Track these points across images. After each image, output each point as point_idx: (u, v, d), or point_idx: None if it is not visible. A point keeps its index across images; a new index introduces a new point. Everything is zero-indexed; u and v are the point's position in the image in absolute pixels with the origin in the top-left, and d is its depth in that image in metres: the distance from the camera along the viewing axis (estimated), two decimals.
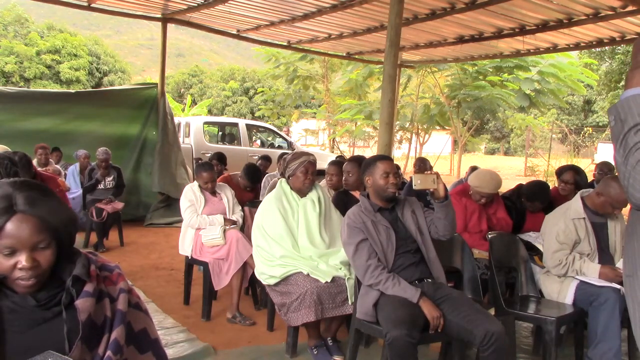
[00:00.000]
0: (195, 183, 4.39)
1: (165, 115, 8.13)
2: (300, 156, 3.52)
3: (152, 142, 8.12)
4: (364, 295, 2.90)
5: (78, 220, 6.41)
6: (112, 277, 1.46)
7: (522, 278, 3.62)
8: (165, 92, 8.42)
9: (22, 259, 1.26)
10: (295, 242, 3.34)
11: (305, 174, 3.45)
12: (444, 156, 22.15)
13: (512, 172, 19.95)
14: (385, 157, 3.13)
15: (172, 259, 5.85)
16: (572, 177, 4.59)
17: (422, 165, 6.28)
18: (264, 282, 3.39)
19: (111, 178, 6.57)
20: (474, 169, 7.00)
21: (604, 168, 5.61)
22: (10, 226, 1.25)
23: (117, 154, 7.45)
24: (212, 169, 4.40)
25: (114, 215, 6.36)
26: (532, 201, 4.21)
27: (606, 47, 20.72)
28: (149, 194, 8.11)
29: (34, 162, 5.04)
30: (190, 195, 4.29)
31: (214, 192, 4.43)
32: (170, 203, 7.88)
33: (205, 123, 12.28)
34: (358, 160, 3.91)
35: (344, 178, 4.13)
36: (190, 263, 4.35)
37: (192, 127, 10.75)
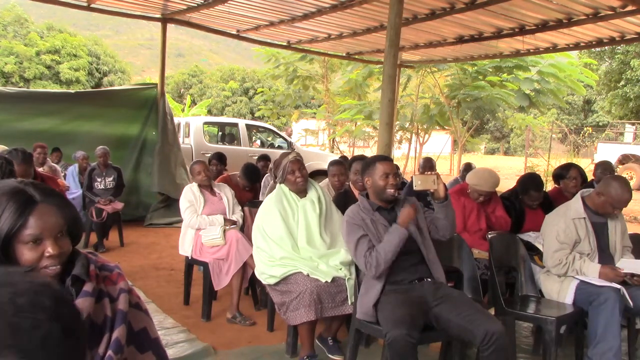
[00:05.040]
0: (195, 183, 4.39)
1: (165, 116, 8.13)
2: (281, 161, 3.52)
3: (152, 143, 8.12)
4: (364, 295, 2.90)
5: (82, 219, 6.42)
6: (112, 277, 1.46)
7: (522, 278, 3.62)
8: (165, 92, 8.42)
9: (49, 247, 1.30)
10: (295, 244, 3.34)
11: (294, 174, 3.45)
12: (444, 156, 22.16)
13: (512, 172, 19.94)
14: (385, 158, 3.12)
15: (172, 259, 5.85)
16: (579, 173, 4.59)
17: (428, 165, 6.24)
18: (264, 282, 3.39)
19: (111, 178, 6.57)
20: (467, 165, 7.00)
21: (603, 167, 5.61)
22: (35, 216, 1.29)
23: (117, 154, 7.45)
24: (202, 162, 4.42)
25: (113, 215, 6.36)
26: (526, 192, 4.21)
27: (606, 47, 20.75)
28: (149, 194, 8.11)
29: None
30: (190, 196, 4.29)
31: (213, 192, 4.43)
32: (170, 203, 7.88)
33: (205, 123, 12.25)
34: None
35: (354, 179, 4.15)
36: (190, 263, 4.35)
37: (192, 127, 10.74)
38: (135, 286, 4.47)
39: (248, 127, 12.23)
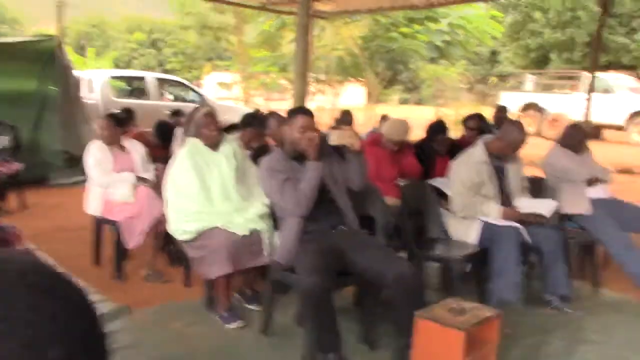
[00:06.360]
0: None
1: (64, 69, 7.60)
2: (194, 115, 3.45)
3: (53, 99, 7.58)
4: (281, 244, 2.94)
5: None
6: (7, 237, 1.39)
7: (431, 222, 3.80)
8: (64, 44, 7.84)
9: None
10: (209, 197, 3.29)
11: (208, 127, 3.37)
12: (359, 107, 22.45)
13: (423, 121, 20.62)
14: (306, 112, 3.12)
15: (80, 218, 5.55)
16: (477, 124, 4.90)
17: (347, 118, 6.42)
18: (178, 238, 3.32)
19: (5, 137, 6.11)
20: (384, 117, 7.18)
21: (500, 110, 6.34)
22: None
23: (13, 112, 6.87)
24: (104, 118, 4.25)
25: (11, 176, 5.95)
26: (435, 137, 4.52)
27: None
28: (52, 153, 7.62)
29: None
30: (96, 153, 4.08)
31: (122, 148, 4.24)
32: (75, 162, 7.47)
33: (112, 77, 11.62)
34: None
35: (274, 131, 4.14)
36: (99, 222, 4.18)
37: (97, 82, 10.14)
38: (42, 250, 4.24)
39: (158, 80, 11.73)
